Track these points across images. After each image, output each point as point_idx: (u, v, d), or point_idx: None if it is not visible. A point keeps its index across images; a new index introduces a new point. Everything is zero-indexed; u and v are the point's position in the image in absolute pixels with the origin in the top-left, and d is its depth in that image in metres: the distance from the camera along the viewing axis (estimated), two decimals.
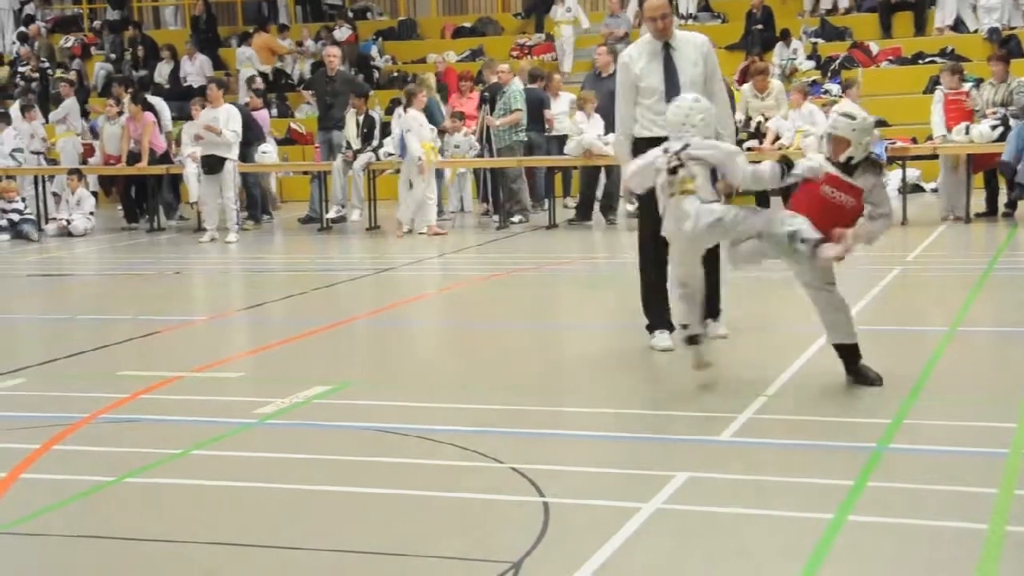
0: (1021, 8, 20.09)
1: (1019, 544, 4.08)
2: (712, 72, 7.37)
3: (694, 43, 7.37)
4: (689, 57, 7.29)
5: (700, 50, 7.34)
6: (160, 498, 4.96)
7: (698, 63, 7.28)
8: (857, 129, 6.03)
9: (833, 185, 6.08)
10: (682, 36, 7.42)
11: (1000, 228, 13.12)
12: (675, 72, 7.24)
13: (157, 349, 8.27)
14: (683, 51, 7.30)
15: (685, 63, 7.27)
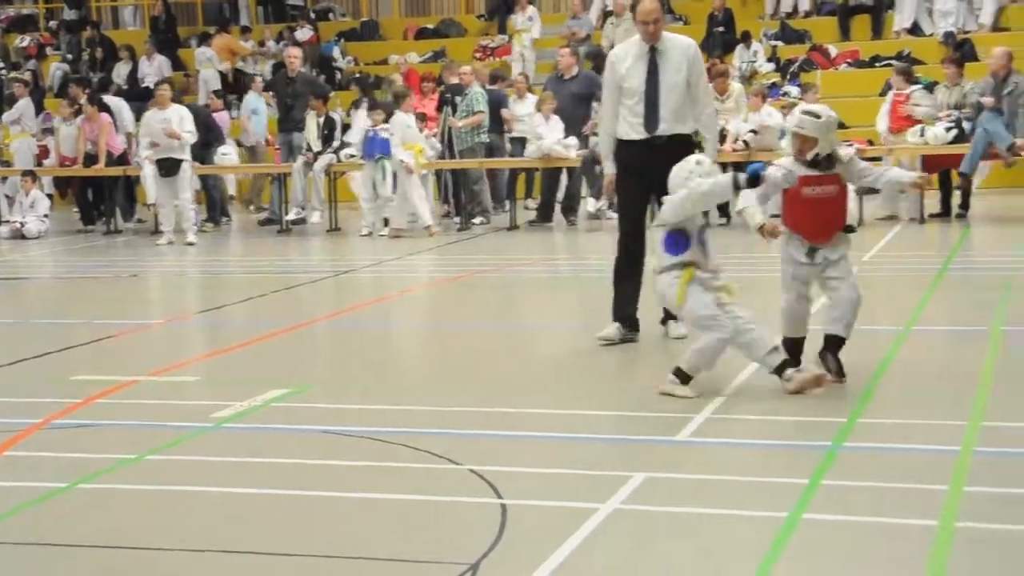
0: (975, 13, 20.30)
1: (969, 540, 4.12)
2: (697, 77, 7.48)
3: (680, 47, 7.43)
4: (673, 62, 7.38)
5: (686, 54, 7.41)
6: (114, 504, 4.92)
7: (681, 68, 7.39)
8: (822, 127, 6.20)
9: (811, 183, 6.27)
10: (669, 39, 7.50)
11: (954, 228, 13.25)
12: (658, 76, 7.35)
13: (113, 353, 8.21)
14: (669, 55, 7.39)
15: (669, 68, 7.37)
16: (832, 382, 6.23)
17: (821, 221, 6.34)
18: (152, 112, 15.26)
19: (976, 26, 20.14)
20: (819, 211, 6.32)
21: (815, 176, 6.27)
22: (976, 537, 4.14)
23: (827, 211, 6.33)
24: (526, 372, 7.23)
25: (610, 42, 20.89)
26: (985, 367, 6.65)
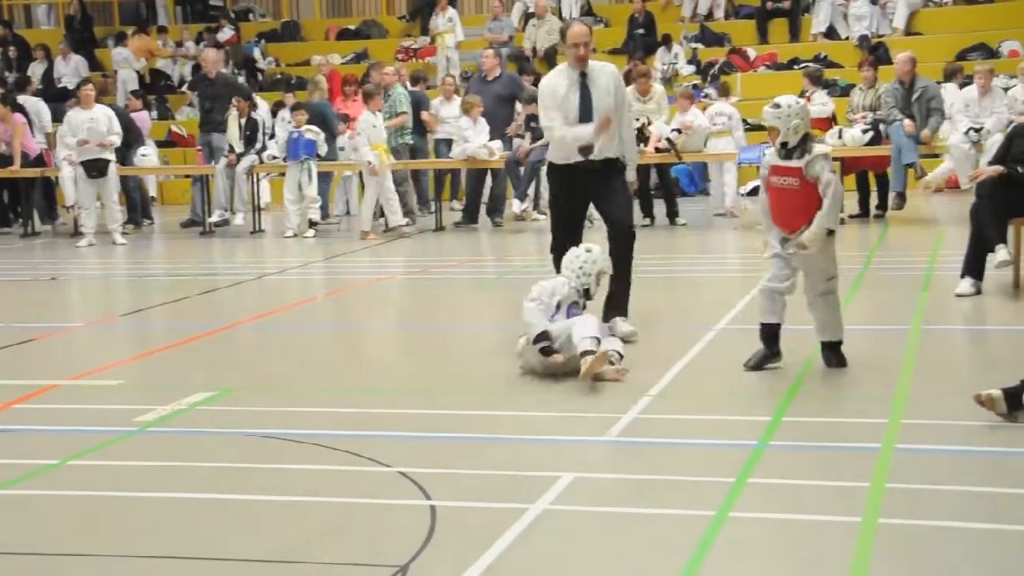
0: (889, 17, 20.72)
1: (891, 535, 4.21)
2: (621, 101, 7.70)
3: (606, 72, 7.60)
4: (602, 86, 7.55)
5: (613, 79, 7.61)
6: (33, 510, 4.84)
7: (610, 92, 7.56)
8: (782, 116, 6.44)
9: (778, 173, 6.56)
10: (594, 66, 7.64)
11: (872, 229, 13.50)
12: (590, 102, 7.50)
13: (32, 357, 8.06)
14: (597, 81, 7.55)
15: (599, 93, 7.53)
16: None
17: (783, 211, 6.58)
18: (75, 112, 15.00)
19: (890, 30, 20.55)
20: (781, 201, 6.57)
21: (781, 166, 6.54)
22: (898, 533, 4.23)
23: (789, 202, 6.53)
24: (452, 373, 7.24)
25: (532, 43, 21.02)
26: (905, 365, 6.79)
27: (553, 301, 6.83)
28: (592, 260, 7.01)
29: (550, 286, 6.91)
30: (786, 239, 6.58)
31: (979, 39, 19.59)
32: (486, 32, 21.68)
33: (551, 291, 6.87)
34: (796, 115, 6.48)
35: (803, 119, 6.52)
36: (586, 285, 6.96)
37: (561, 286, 6.90)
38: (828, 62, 19.85)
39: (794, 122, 6.47)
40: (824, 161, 6.51)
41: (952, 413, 5.66)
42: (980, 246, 8.84)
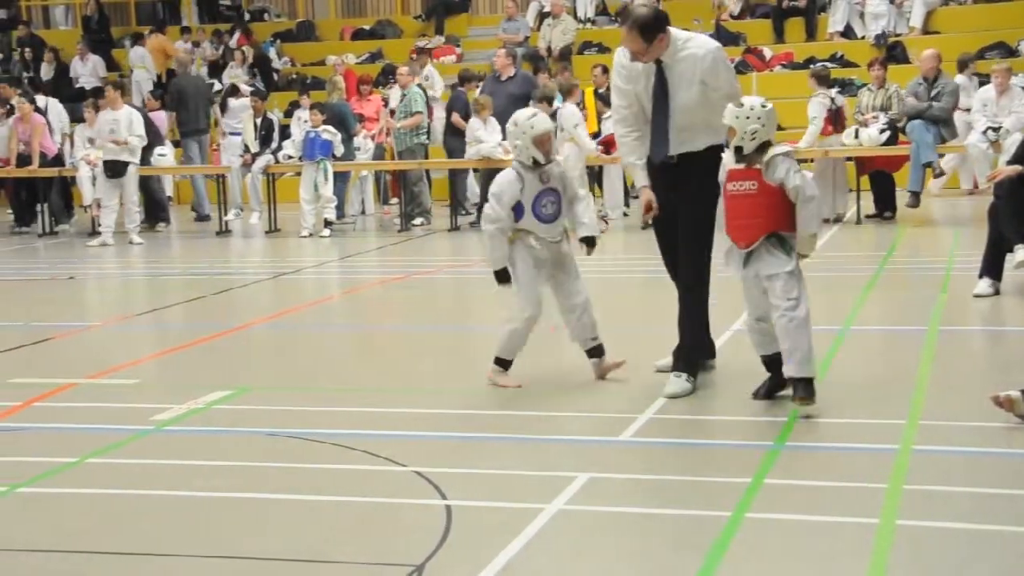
0: (906, 16, 20.65)
1: (909, 537, 4.19)
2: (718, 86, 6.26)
3: (694, 58, 6.23)
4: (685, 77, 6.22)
5: (698, 65, 6.20)
6: (54, 508, 4.86)
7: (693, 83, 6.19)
8: (740, 117, 5.78)
9: (735, 178, 5.89)
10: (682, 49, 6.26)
11: (889, 229, 13.45)
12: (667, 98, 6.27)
13: (50, 356, 8.09)
14: (678, 69, 6.24)
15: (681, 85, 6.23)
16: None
17: (737, 220, 5.88)
18: (104, 112, 15.07)
19: (907, 29, 20.47)
20: (736, 208, 5.87)
21: (738, 170, 5.88)
22: (916, 534, 4.22)
23: (744, 209, 5.84)
24: (467, 373, 7.23)
25: (547, 43, 21.00)
26: (922, 366, 6.76)
27: (507, 207, 6.43)
28: (521, 132, 6.46)
29: (500, 192, 6.46)
30: (748, 256, 5.88)
31: (997, 38, 19.50)
32: (501, 32, 21.68)
33: (505, 199, 6.44)
34: (756, 119, 5.77)
35: (764, 125, 5.78)
36: (531, 158, 6.46)
37: (510, 184, 6.45)
38: (845, 61, 19.79)
39: (752, 126, 5.77)
40: (786, 161, 5.80)
41: (970, 414, 5.64)
42: (998, 246, 8.80)
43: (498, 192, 6.50)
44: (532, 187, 6.49)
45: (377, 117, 16.91)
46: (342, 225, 15.80)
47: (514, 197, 6.47)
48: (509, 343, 6.61)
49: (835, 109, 14.28)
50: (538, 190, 6.51)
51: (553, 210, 6.56)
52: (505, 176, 6.54)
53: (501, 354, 6.61)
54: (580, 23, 22.15)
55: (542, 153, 6.47)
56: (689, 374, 6.29)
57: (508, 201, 6.46)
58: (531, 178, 6.49)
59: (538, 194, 6.50)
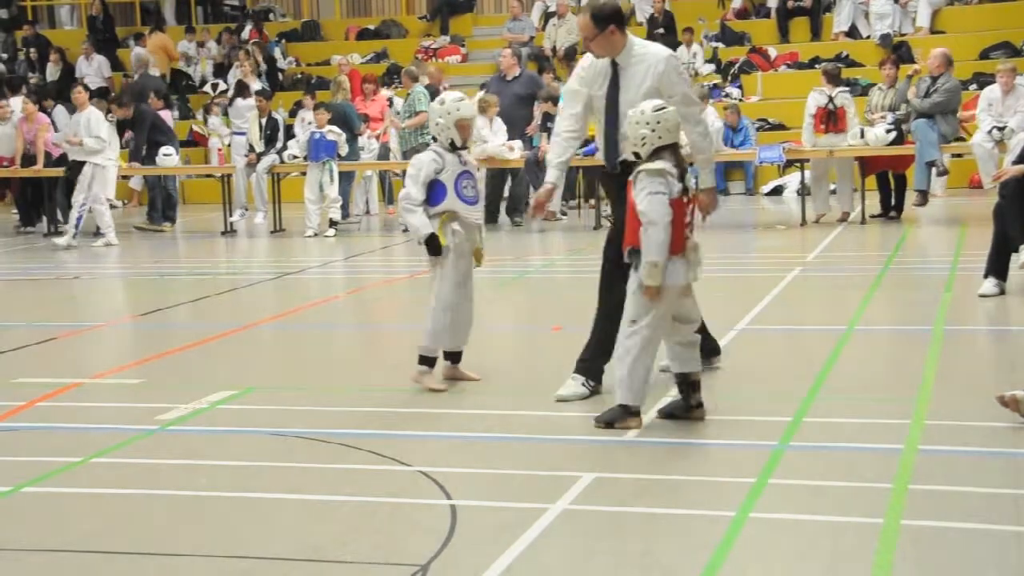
0: (911, 15, 20.63)
1: (914, 537, 4.19)
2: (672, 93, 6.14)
3: (646, 60, 6.20)
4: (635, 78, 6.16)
5: (651, 68, 6.16)
6: (58, 508, 4.86)
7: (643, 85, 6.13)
8: (631, 122, 5.60)
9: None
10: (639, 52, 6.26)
11: (894, 229, 13.44)
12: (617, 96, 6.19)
13: (55, 355, 8.10)
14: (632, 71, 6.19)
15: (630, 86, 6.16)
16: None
17: (630, 227, 5.64)
18: (76, 114, 15.08)
19: (912, 28, 20.46)
20: (631, 216, 5.62)
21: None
22: (921, 535, 4.21)
23: (632, 218, 5.59)
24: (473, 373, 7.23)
25: (552, 43, 21.01)
26: (927, 366, 6.75)
27: (423, 185, 6.44)
28: (446, 111, 6.47)
29: (417, 171, 6.47)
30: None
31: (1003, 37, 19.50)
32: (506, 32, 21.70)
33: (421, 176, 6.45)
34: (645, 124, 5.52)
35: (654, 131, 5.49)
36: (450, 139, 6.49)
37: (428, 163, 6.48)
38: (850, 61, 19.78)
39: (641, 132, 5.52)
40: (646, 179, 5.46)
41: (975, 414, 5.63)
42: (1003, 246, 8.79)
43: (415, 173, 6.50)
44: (453, 167, 6.52)
45: (382, 117, 16.93)
46: (347, 225, 15.81)
47: (430, 175, 6.47)
48: (435, 338, 6.62)
49: (831, 109, 14.19)
50: (459, 171, 6.54)
51: (474, 193, 6.62)
52: (423, 156, 6.57)
53: (426, 351, 6.61)
54: None
55: (461, 137, 6.52)
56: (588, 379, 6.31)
57: (424, 179, 6.46)
58: (451, 159, 6.53)
59: (459, 175, 6.54)
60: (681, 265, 5.57)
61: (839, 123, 14.12)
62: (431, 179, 6.48)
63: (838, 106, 14.17)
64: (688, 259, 5.59)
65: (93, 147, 14.63)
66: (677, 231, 5.52)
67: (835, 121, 14.13)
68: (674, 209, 5.51)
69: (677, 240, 5.53)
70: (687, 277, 5.61)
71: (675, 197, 5.52)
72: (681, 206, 5.55)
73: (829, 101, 14.18)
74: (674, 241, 5.52)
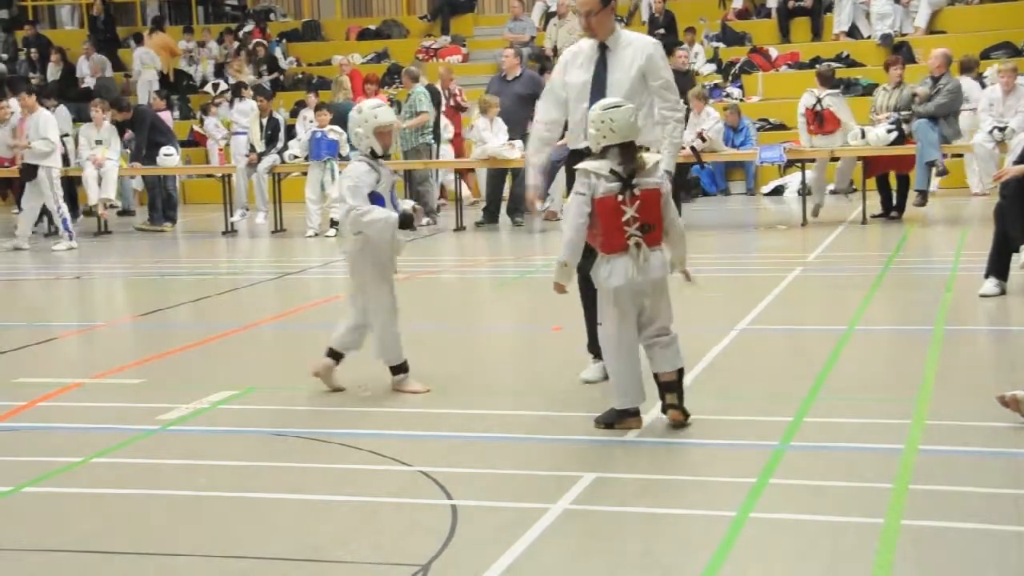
0: (911, 15, 20.62)
1: (914, 537, 4.19)
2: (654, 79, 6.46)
3: (637, 46, 6.45)
4: (624, 61, 6.41)
5: (642, 52, 6.42)
6: (59, 508, 4.87)
7: (632, 68, 6.38)
8: (589, 118, 5.59)
9: None
10: (626, 38, 6.51)
11: (895, 229, 13.44)
12: (605, 76, 6.40)
13: (55, 355, 8.10)
14: (620, 54, 6.42)
15: (617, 68, 6.40)
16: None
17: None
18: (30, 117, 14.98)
19: (912, 28, 20.45)
20: None
21: None
22: (921, 535, 4.21)
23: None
24: (473, 373, 7.24)
25: (553, 43, 21.01)
26: (928, 366, 6.75)
27: (364, 198, 6.29)
28: (364, 120, 6.36)
29: (357, 184, 6.29)
30: None
31: (1003, 37, 19.49)
32: (506, 32, 21.70)
33: (362, 187, 6.29)
34: (591, 122, 5.52)
35: (600, 130, 5.46)
36: (369, 147, 6.36)
37: (364, 175, 6.32)
38: (850, 61, 19.79)
39: (590, 130, 5.54)
40: (577, 178, 5.54)
41: (976, 414, 5.63)
42: (1004, 246, 8.79)
43: (354, 185, 6.32)
44: (387, 179, 6.44)
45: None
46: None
47: (371, 186, 6.33)
48: (392, 345, 6.54)
49: (818, 110, 14.13)
50: (391, 180, 6.49)
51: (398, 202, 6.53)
52: (358, 167, 6.38)
53: (394, 361, 6.54)
54: None
55: (381, 145, 6.40)
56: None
57: (365, 191, 6.31)
58: (386, 171, 6.45)
59: (392, 185, 6.48)
60: (621, 265, 5.47)
61: (825, 125, 14.06)
62: (371, 190, 6.35)
63: (824, 108, 14.12)
64: (632, 257, 5.46)
65: (43, 149, 14.53)
66: (612, 230, 5.45)
67: (821, 123, 14.09)
68: (604, 208, 5.43)
69: (616, 239, 5.45)
70: (631, 276, 5.46)
71: (602, 196, 5.44)
72: (613, 205, 5.43)
73: (817, 102, 14.16)
74: (610, 241, 5.46)
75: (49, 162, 14.63)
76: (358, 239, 6.44)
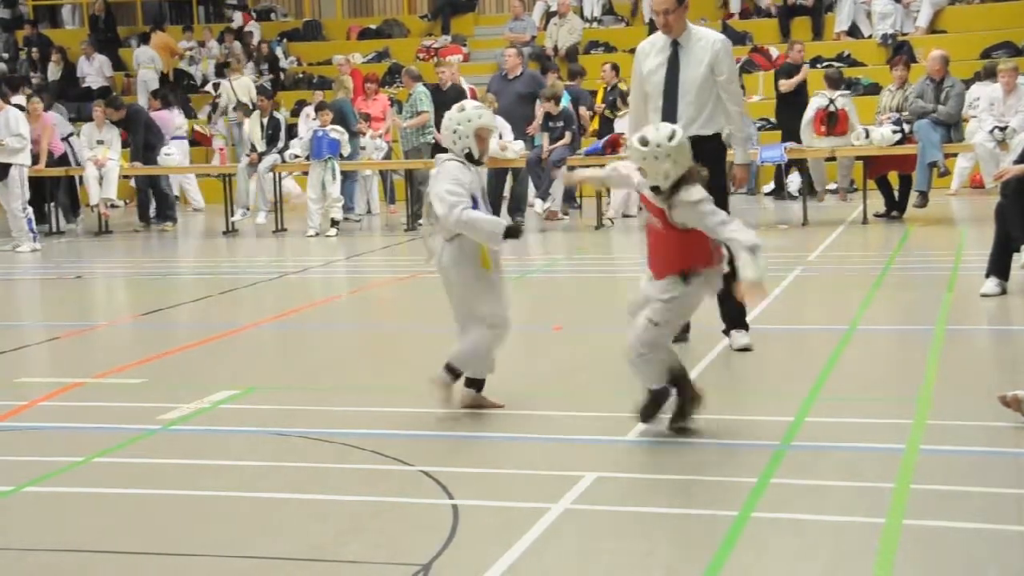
0: (912, 15, 20.61)
1: (916, 537, 4.19)
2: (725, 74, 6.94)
3: (706, 41, 6.92)
4: (695, 56, 6.84)
5: (711, 48, 6.88)
6: (60, 508, 4.87)
7: (703, 63, 6.83)
8: (648, 157, 5.29)
9: (648, 208, 5.56)
10: (696, 33, 6.97)
11: (896, 229, 13.44)
12: (678, 72, 6.79)
13: (57, 355, 8.11)
14: (691, 50, 6.85)
15: (690, 63, 6.82)
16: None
17: (651, 252, 5.61)
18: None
19: (913, 28, 20.44)
20: (650, 240, 5.61)
21: (649, 202, 5.48)
22: (923, 534, 4.21)
23: (655, 243, 5.56)
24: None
25: (553, 42, 21.01)
26: (929, 366, 6.75)
27: (467, 195, 5.82)
28: (466, 118, 5.89)
29: (453, 184, 5.80)
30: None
31: (1004, 37, 19.48)
32: (507, 32, 21.69)
33: (463, 188, 5.82)
34: (667, 156, 5.24)
35: (677, 161, 5.25)
36: (467, 149, 5.88)
37: (461, 172, 5.86)
38: (851, 60, 19.77)
39: (664, 166, 5.25)
40: (690, 209, 5.28)
41: (977, 414, 5.63)
42: (1005, 246, 8.79)
43: (454, 185, 5.81)
44: (478, 182, 6.02)
45: (383, 116, 16.92)
46: (348, 224, 15.81)
47: (467, 187, 5.87)
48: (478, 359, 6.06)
49: (832, 111, 14.15)
50: (482, 187, 6.04)
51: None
52: (452, 166, 5.90)
53: (477, 374, 6.09)
54: (586, 22, 22.16)
55: (480, 149, 5.96)
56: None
57: (466, 191, 5.83)
58: (477, 174, 6.02)
59: (482, 190, 6.04)
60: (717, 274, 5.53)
61: (839, 125, 14.09)
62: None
63: (839, 108, 14.16)
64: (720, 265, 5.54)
65: (15, 146, 14.44)
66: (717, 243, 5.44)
67: (835, 123, 14.10)
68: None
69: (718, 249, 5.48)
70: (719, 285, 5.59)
71: None
72: None
73: (830, 103, 14.17)
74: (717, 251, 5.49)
75: (19, 159, 14.55)
76: (452, 249, 5.94)
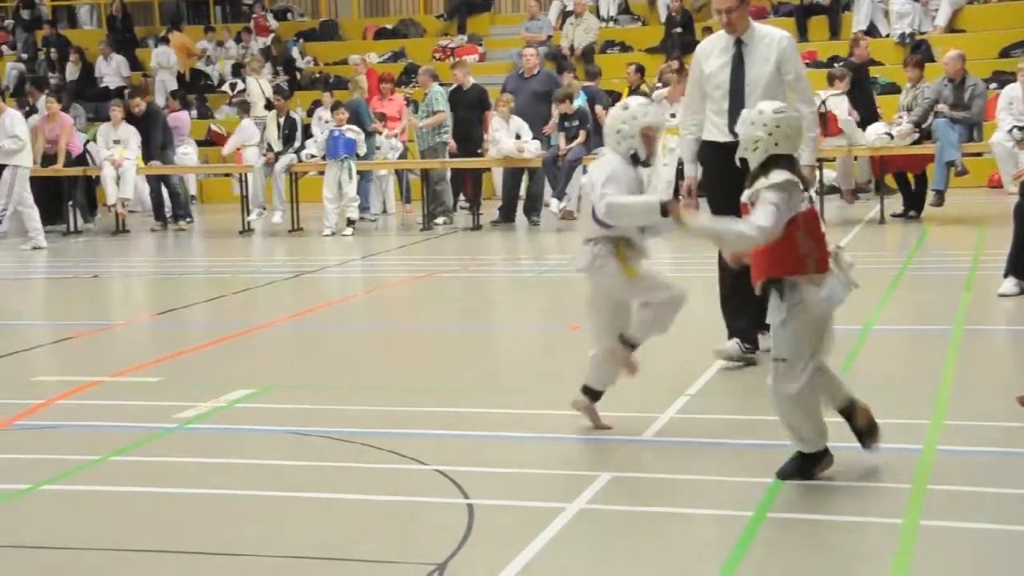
0: (931, 14, 20.52)
1: (933, 537, 4.17)
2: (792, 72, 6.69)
3: (771, 38, 6.68)
4: (760, 54, 6.62)
5: (776, 46, 6.65)
6: (78, 505, 4.88)
7: (769, 60, 6.61)
8: (745, 122, 4.86)
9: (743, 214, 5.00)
10: (759, 31, 6.73)
11: (913, 228, 13.39)
12: (743, 71, 6.60)
13: (75, 354, 8.13)
14: (756, 48, 6.64)
15: (756, 61, 6.63)
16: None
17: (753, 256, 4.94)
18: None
19: (931, 27, 20.35)
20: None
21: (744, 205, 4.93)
22: (940, 534, 4.19)
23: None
24: (489, 372, 7.24)
25: (570, 42, 20.99)
26: (946, 366, 6.72)
27: (624, 187, 5.39)
28: (631, 116, 5.48)
29: (611, 174, 5.38)
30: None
31: (1023, 36, 19.38)
32: (523, 31, 21.68)
33: (621, 179, 5.39)
34: (763, 126, 4.76)
35: (771, 135, 4.75)
36: (632, 149, 5.47)
37: (620, 166, 5.44)
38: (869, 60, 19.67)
39: (756, 134, 4.77)
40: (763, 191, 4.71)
41: (994, 414, 5.61)
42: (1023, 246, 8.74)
43: (611, 176, 5.39)
44: (638, 183, 5.52)
45: (399, 116, 16.93)
46: (364, 224, 15.83)
47: (627, 182, 5.44)
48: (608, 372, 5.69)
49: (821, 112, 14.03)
50: (642, 190, 5.55)
51: None
52: (614, 159, 5.49)
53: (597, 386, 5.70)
54: (603, 22, 22.13)
55: (646, 149, 5.51)
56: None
57: (624, 184, 5.41)
58: (637, 175, 5.54)
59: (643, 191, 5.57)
60: (833, 282, 4.76)
61: (828, 126, 13.97)
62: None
63: (828, 110, 14.03)
64: (835, 273, 4.79)
65: (12, 148, 14.48)
66: (823, 246, 4.80)
67: (823, 124, 13.96)
68: (813, 222, 4.80)
69: (826, 255, 4.80)
70: (842, 294, 4.80)
71: (806, 210, 4.80)
72: (815, 217, 4.83)
73: (821, 104, 14.07)
74: (824, 258, 4.79)
75: (17, 160, 14.58)
76: (598, 252, 5.51)
